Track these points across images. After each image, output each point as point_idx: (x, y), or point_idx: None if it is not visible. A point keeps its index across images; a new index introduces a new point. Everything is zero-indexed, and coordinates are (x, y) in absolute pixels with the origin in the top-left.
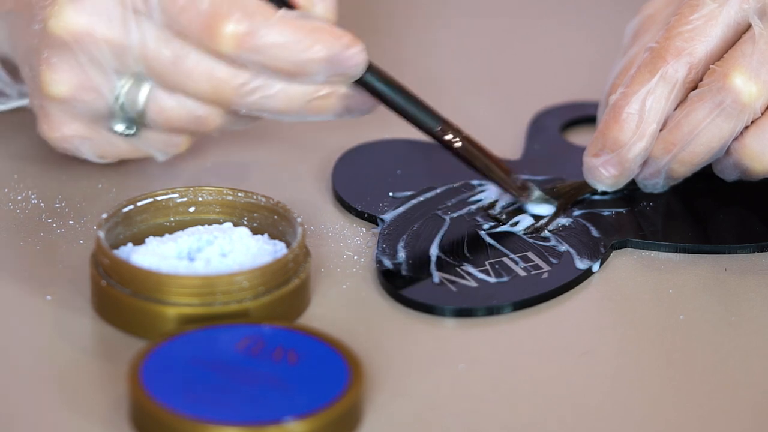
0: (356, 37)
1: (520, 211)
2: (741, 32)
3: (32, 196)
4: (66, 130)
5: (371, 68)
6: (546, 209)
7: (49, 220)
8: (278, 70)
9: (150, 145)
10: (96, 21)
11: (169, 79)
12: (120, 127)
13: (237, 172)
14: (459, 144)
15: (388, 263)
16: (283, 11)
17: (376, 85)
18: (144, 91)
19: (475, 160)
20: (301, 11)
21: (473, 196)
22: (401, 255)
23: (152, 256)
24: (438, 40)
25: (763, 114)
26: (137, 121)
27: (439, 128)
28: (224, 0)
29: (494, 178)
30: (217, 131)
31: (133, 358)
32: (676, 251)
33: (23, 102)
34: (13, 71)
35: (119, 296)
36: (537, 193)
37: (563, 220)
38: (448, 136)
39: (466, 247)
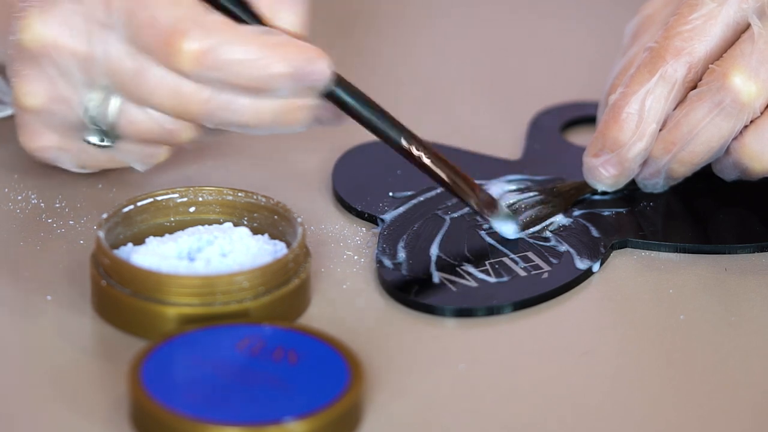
0: (321, 50)
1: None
2: (740, 32)
3: (32, 196)
4: (42, 141)
5: (338, 81)
6: (509, 228)
7: (49, 220)
8: (241, 87)
9: (127, 156)
10: (62, 33)
11: (134, 94)
12: (94, 139)
13: (237, 172)
14: (423, 157)
15: (388, 263)
16: (246, 27)
17: (343, 98)
18: (114, 105)
19: (440, 173)
20: (265, 27)
21: None
22: (401, 255)
23: (152, 256)
24: (438, 41)
25: (762, 113)
26: (110, 133)
27: (404, 141)
28: (184, 16)
29: (458, 193)
30: (189, 144)
31: (133, 358)
32: (676, 251)
33: None
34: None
35: (119, 296)
36: (504, 210)
37: (563, 220)
38: (413, 150)
39: (466, 247)
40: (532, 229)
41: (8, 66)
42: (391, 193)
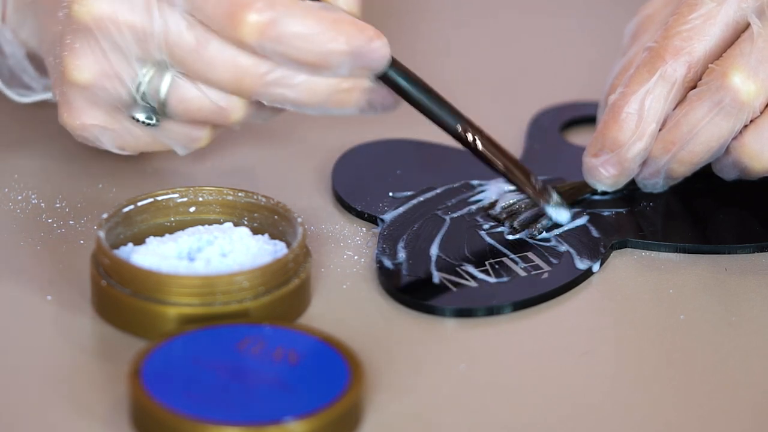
0: (379, 31)
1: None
2: (740, 31)
3: (32, 196)
4: (86, 118)
5: (394, 64)
6: (563, 215)
7: (49, 220)
8: (300, 62)
9: (171, 138)
10: (119, 7)
11: (191, 67)
12: (141, 117)
13: (237, 172)
14: (479, 144)
15: (388, 263)
16: (308, 2)
17: (399, 81)
18: (166, 81)
19: (495, 161)
20: (325, 3)
21: (473, 196)
22: (401, 255)
23: (152, 256)
24: (438, 40)
25: (762, 113)
26: (159, 111)
27: (460, 127)
28: None
29: (514, 179)
30: (238, 124)
31: (134, 358)
32: (676, 251)
33: (47, 95)
34: (40, 66)
35: (119, 296)
36: (556, 197)
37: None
38: (469, 136)
39: (466, 247)
40: (531, 230)
41: (55, 43)
42: (391, 193)
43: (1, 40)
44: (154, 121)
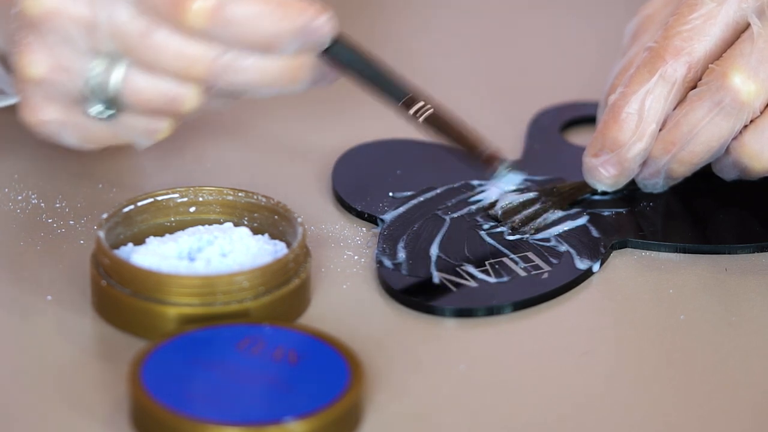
0: (324, 6)
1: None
2: (740, 31)
3: (32, 196)
4: (44, 115)
5: (339, 38)
6: (513, 179)
7: (49, 220)
8: (249, 44)
9: (130, 131)
10: (65, 0)
11: (140, 57)
12: (95, 110)
13: (237, 172)
14: (424, 115)
15: (388, 263)
16: None
17: (343, 55)
18: (117, 72)
19: (441, 131)
20: None
21: (473, 196)
22: (401, 255)
23: (152, 256)
24: (437, 40)
25: (762, 113)
26: (113, 103)
27: (405, 100)
28: None
29: (462, 148)
30: (193, 113)
31: (134, 358)
32: (676, 251)
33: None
34: (12, 68)
35: (119, 296)
36: (504, 166)
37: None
38: (415, 107)
39: (466, 247)
40: (531, 227)
41: (10, 41)
42: (391, 193)
43: None
44: (109, 115)
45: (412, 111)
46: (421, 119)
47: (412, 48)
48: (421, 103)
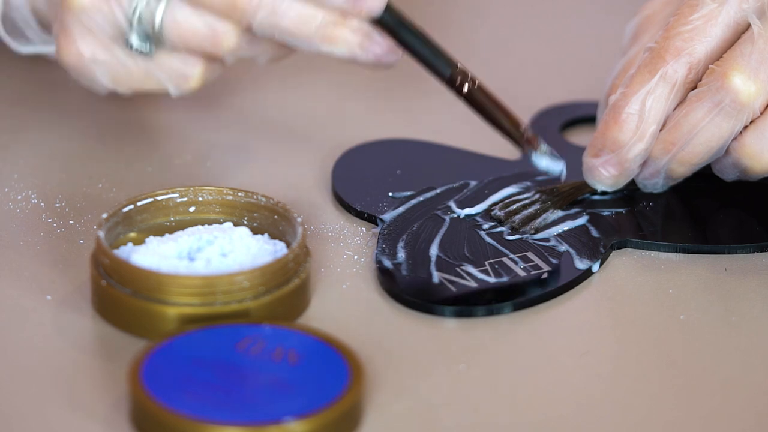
0: None
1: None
2: (740, 32)
3: (32, 196)
4: (81, 47)
5: (390, 9)
6: (554, 165)
7: (49, 220)
8: None
9: (163, 72)
10: None
11: None
12: (136, 42)
13: (237, 171)
14: (467, 91)
15: (388, 263)
16: None
17: (395, 27)
18: (161, 5)
19: (483, 109)
20: None
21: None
22: (401, 255)
23: (152, 255)
24: (438, 40)
25: (762, 113)
26: (153, 37)
27: (450, 75)
28: None
29: (501, 128)
30: (231, 54)
31: (134, 358)
32: (676, 251)
33: (46, 48)
34: (43, 22)
35: (119, 296)
36: (543, 147)
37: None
38: (463, 85)
39: (466, 247)
40: (531, 227)
41: None
42: (390, 193)
43: None
44: (147, 49)
45: (459, 84)
46: (466, 90)
47: None
48: (469, 77)
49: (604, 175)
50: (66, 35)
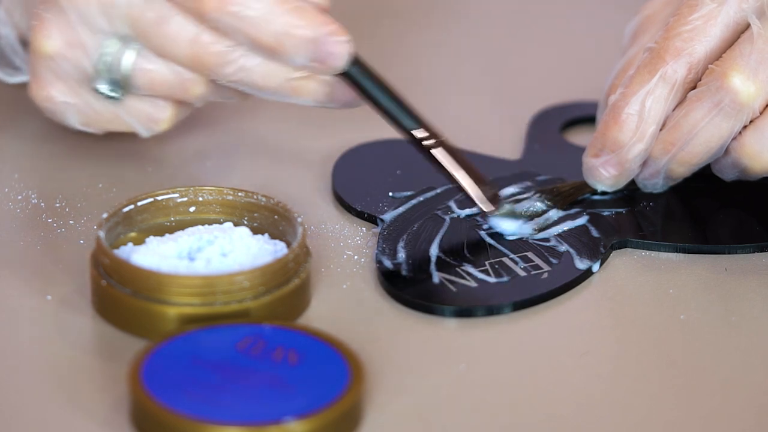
0: (344, 28)
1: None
2: (740, 32)
3: (32, 196)
4: (52, 90)
5: (356, 62)
6: (512, 225)
7: (49, 220)
8: (258, 43)
9: (133, 116)
10: None
11: (152, 41)
12: (104, 88)
13: (237, 171)
14: (433, 150)
15: (388, 263)
16: None
17: (359, 80)
18: (130, 54)
19: (449, 169)
20: None
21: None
22: (401, 255)
23: (153, 255)
24: (438, 40)
25: (761, 113)
26: (121, 83)
27: (416, 131)
28: None
29: (464, 188)
30: (200, 100)
31: (134, 358)
32: (676, 251)
33: None
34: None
35: (120, 296)
36: (506, 207)
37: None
38: (426, 140)
39: (466, 247)
40: (530, 224)
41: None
42: (390, 193)
43: None
44: (116, 95)
45: (422, 142)
46: (429, 151)
47: (413, 48)
48: (433, 135)
49: (604, 175)
50: (36, 79)
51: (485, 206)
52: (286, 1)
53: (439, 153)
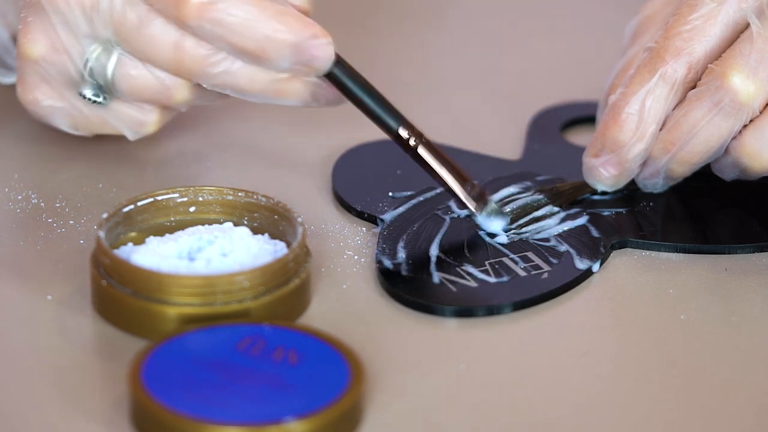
0: (326, 30)
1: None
2: (739, 31)
3: (32, 196)
4: (38, 94)
5: (339, 62)
6: (497, 224)
7: (49, 220)
8: (239, 48)
9: (119, 119)
10: None
11: (134, 46)
12: (88, 93)
13: (237, 171)
14: (418, 148)
15: (388, 263)
16: None
17: (342, 80)
18: (113, 58)
19: (433, 167)
20: None
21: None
22: (401, 255)
23: (153, 255)
24: (438, 40)
25: (761, 113)
26: (106, 88)
27: (401, 130)
28: None
29: (448, 187)
30: (184, 104)
31: (134, 358)
32: (676, 251)
33: None
34: None
35: (120, 296)
36: (492, 206)
37: (566, 220)
38: (410, 141)
39: (466, 247)
40: (525, 221)
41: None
42: (390, 193)
43: None
44: (101, 100)
45: (405, 141)
46: (413, 149)
47: (413, 49)
48: (414, 134)
49: (604, 175)
50: (23, 83)
51: (470, 204)
52: (267, 6)
53: (422, 151)
